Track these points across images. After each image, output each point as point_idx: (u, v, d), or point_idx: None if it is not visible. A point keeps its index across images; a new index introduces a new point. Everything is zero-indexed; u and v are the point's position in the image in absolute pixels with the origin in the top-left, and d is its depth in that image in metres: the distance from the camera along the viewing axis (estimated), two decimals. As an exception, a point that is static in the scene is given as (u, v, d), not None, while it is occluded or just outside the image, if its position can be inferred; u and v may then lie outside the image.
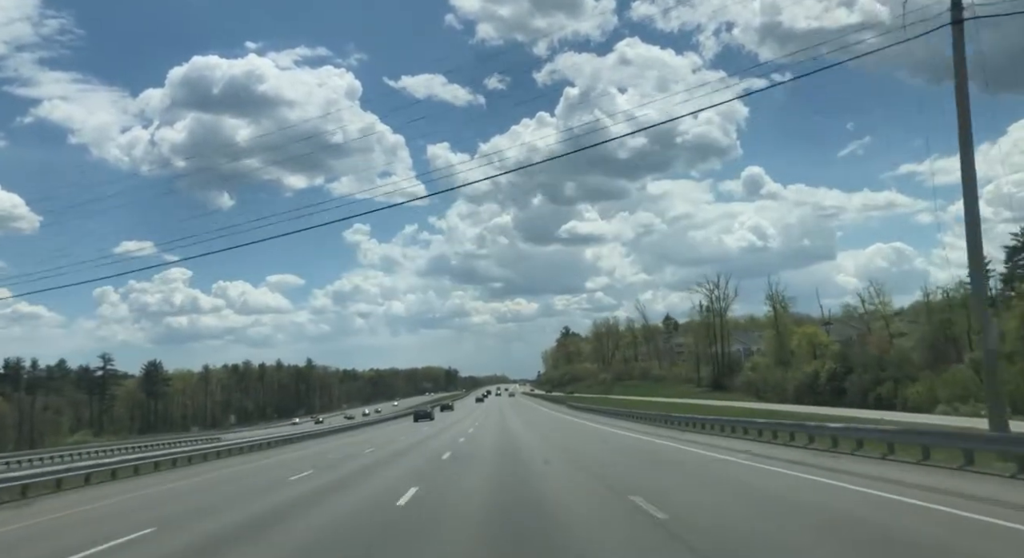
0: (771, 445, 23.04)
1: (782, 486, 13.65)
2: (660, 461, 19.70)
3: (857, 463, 16.39)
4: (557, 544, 8.73)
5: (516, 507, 11.98)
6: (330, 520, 11.51)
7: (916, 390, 52.03)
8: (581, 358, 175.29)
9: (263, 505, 13.82)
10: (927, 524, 9.22)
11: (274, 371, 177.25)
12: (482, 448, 27.22)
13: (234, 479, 21.34)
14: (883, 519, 9.62)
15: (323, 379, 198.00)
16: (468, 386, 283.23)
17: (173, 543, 10.10)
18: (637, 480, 15.12)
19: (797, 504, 11.47)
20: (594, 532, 9.49)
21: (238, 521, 11.96)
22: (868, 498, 11.44)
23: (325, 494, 15.28)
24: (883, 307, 68.85)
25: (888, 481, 13.09)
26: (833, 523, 9.57)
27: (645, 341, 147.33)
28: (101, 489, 20.54)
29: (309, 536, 10.17)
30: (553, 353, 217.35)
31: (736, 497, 12.37)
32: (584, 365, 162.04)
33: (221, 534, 10.68)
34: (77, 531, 11.93)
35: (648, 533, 9.20)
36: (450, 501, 13.05)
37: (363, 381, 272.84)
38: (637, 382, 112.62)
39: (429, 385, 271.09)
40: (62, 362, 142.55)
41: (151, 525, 11.71)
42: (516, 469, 18.68)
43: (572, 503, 12.22)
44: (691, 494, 13.04)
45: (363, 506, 13.01)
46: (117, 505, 16.10)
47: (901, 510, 10.28)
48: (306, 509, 12.93)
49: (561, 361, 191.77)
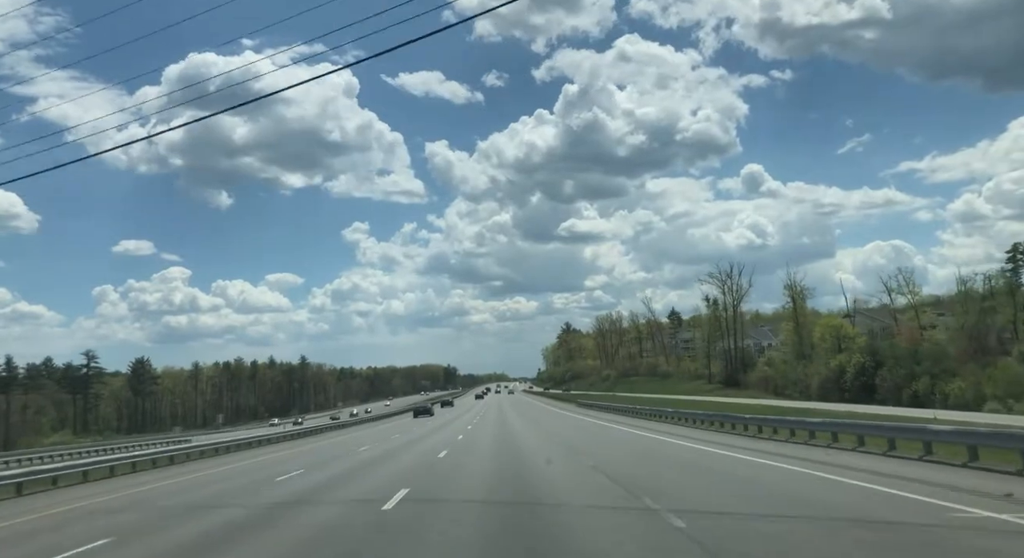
0: (821, 449, 18.75)
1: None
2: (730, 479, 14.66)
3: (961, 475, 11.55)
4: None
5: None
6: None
7: (957, 386, 47.14)
8: (583, 354, 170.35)
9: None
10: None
11: (267, 369, 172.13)
12: (480, 456, 22.10)
13: (178, 491, 17.41)
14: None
15: (318, 377, 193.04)
16: (467, 384, 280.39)
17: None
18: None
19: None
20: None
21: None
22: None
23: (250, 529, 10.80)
24: (913, 297, 63.78)
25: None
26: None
27: (649, 337, 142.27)
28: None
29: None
30: (554, 350, 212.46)
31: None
32: (586, 362, 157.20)
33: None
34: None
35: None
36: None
37: (360, 379, 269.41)
38: (644, 378, 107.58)
39: (427, 383, 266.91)
40: (48, 360, 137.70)
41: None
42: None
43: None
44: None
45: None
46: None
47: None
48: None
49: (562, 358, 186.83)
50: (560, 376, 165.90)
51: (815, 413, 33.01)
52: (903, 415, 30.07)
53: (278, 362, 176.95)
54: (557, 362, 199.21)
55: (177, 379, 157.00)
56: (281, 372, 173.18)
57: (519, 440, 28.40)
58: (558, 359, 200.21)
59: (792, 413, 32.85)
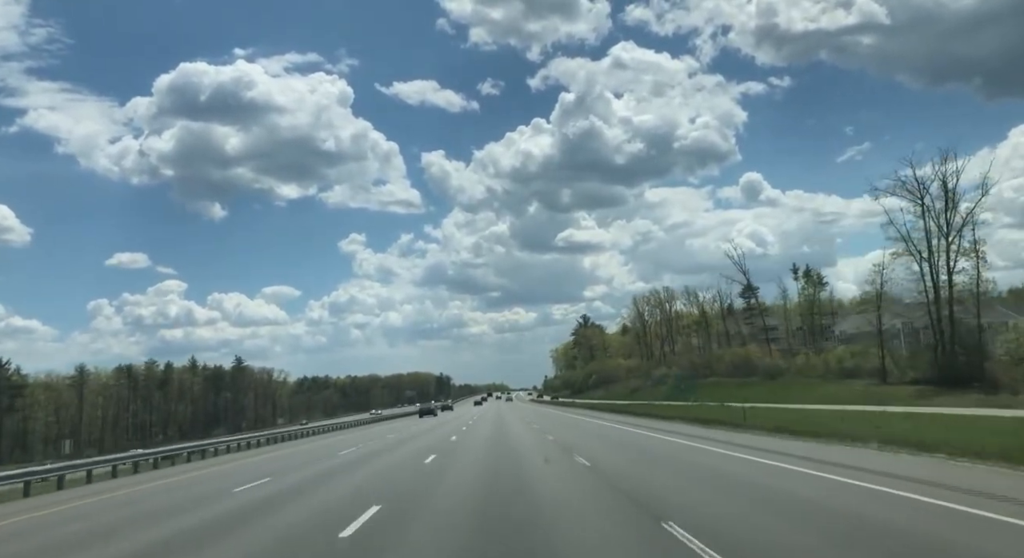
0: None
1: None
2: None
3: None
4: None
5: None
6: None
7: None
8: (608, 353, 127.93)
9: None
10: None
11: (186, 375, 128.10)
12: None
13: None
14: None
15: (262, 386, 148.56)
16: (462, 395, 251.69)
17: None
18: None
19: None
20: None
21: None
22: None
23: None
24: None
25: None
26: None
27: (705, 325, 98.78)
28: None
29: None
30: (566, 350, 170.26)
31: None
32: (616, 361, 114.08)
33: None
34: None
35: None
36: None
37: (333, 389, 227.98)
38: (736, 380, 64.27)
39: (412, 393, 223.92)
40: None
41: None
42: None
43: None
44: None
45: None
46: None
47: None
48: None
49: (580, 358, 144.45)
50: (581, 381, 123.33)
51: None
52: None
53: (202, 365, 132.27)
54: (571, 364, 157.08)
55: (55, 390, 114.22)
56: (204, 378, 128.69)
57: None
58: (572, 361, 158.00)
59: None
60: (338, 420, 77.14)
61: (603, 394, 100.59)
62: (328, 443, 37.01)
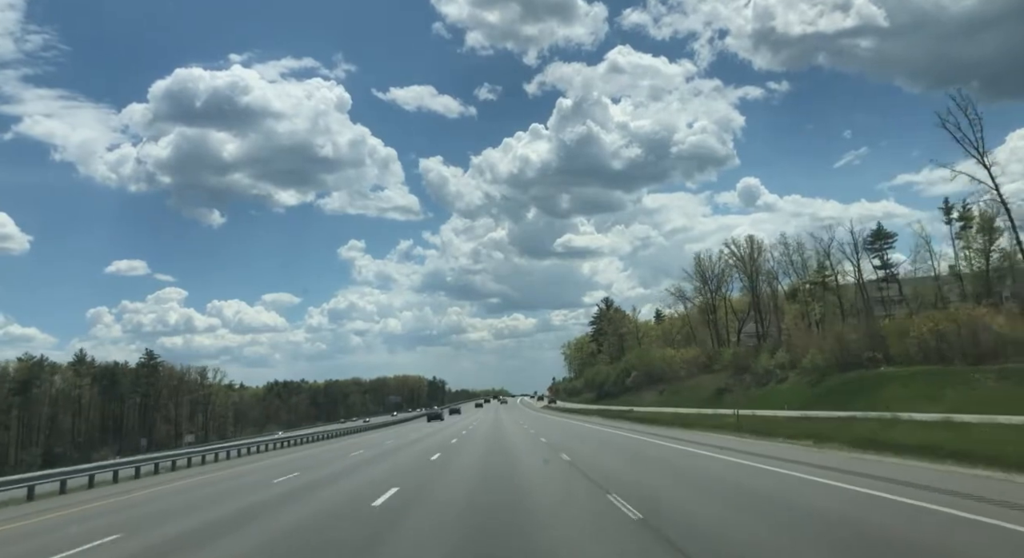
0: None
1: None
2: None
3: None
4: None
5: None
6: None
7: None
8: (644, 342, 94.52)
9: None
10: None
11: (71, 377, 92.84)
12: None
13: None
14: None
15: (185, 388, 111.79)
16: (461, 399, 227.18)
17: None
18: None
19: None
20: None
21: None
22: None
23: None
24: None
25: None
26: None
27: (819, 297, 65.48)
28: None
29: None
30: (581, 345, 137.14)
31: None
32: (665, 351, 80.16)
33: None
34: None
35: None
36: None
37: (304, 393, 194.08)
38: (938, 368, 30.78)
39: (397, 399, 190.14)
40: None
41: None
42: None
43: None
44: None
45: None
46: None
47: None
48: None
49: (606, 352, 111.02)
50: (614, 380, 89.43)
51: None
52: None
53: (90, 360, 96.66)
54: (589, 361, 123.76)
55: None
56: (93, 378, 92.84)
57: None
58: (589, 357, 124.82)
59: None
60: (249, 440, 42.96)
61: (657, 398, 66.87)
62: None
